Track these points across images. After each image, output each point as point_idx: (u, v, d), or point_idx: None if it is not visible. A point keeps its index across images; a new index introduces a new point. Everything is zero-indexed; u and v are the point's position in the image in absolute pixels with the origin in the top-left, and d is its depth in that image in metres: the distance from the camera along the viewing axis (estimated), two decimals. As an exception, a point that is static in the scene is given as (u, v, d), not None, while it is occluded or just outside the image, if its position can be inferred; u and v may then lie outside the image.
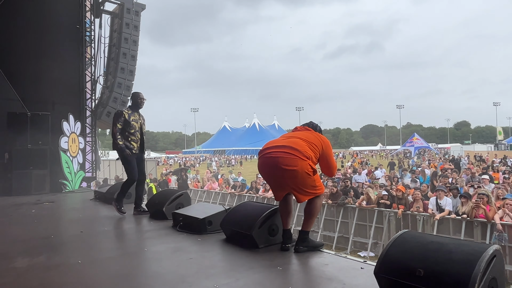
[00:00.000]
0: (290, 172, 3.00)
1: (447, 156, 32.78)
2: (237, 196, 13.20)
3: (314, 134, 3.31)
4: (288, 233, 3.38)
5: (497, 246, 2.10)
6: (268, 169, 3.13)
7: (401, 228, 8.55)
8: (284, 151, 3.04)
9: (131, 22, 10.61)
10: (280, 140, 3.25)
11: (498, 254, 2.06)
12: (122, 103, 10.51)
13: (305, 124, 3.51)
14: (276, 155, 3.05)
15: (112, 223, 4.86)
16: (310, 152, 3.08)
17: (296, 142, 3.12)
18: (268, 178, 3.24)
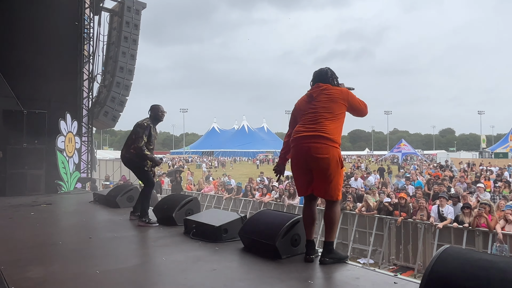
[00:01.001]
0: (322, 161, 3.00)
1: (438, 163, 33.21)
2: (233, 200, 13.07)
3: (334, 94, 3.16)
4: (312, 244, 3.30)
5: (553, 265, 2.06)
6: (300, 158, 3.11)
7: (401, 236, 8.57)
8: (314, 141, 3.03)
9: (131, 20, 10.43)
10: (307, 125, 3.13)
11: (553, 274, 2.01)
12: (120, 102, 10.31)
13: (318, 80, 3.28)
14: (308, 145, 3.04)
15: (120, 228, 4.70)
16: (338, 129, 3.11)
17: (323, 124, 3.06)
18: (298, 168, 3.16)
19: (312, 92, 3.25)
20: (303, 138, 3.08)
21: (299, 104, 3.31)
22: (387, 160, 50.49)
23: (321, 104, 3.14)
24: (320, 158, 3.00)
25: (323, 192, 3.12)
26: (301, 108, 3.27)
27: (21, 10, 8.87)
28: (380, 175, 23.85)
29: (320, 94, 3.19)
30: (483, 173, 21.06)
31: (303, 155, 3.06)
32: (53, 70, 9.04)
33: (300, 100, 3.34)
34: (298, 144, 3.10)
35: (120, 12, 10.46)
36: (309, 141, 3.04)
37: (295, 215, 3.61)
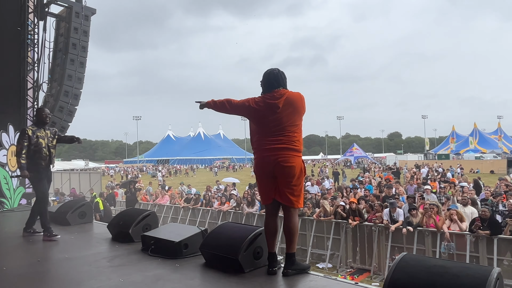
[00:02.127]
0: (289, 168, 3.06)
1: (387, 166, 34.84)
2: (191, 210, 12.83)
3: (297, 103, 3.15)
4: (274, 256, 3.29)
5: (499, 269, 2.20)
6: (265, 167, 3.13)
7: (358, 239, 8.85)
8: (282, 153, 3.07)
9: (80, 26, 9.96)
10: (272, 138, 3.11)
11: (500, 277, 2.16)
12: (69, 112, 9.79)
13: (276, 84, 3.19)
14: (275, 156, 3.07)
15: (72, 248, 4.43)
16: (301, 138, 3.19)
17: (290, 137, 3.11)
18: (264, 175, 3.18)
19: (274, 101, 3.13)
20: (270, 150, 3.10)
21: (260, 111, 3.15)
22: (340, 163, 52.13)
23: (285, 117, 3.11)
24: (286, 166, 3.06)
25: (287, 198, 3.11)
26: (262, 115, 3.16)
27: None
28: (334, 179, 24.63)
29: (283, 103, 3.12)
30: (430, 174, 22.39)
31: (270, 164, 3.09)
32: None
33: (260, 104, 3.16)
34: (265, 155, 3.12)
35: (68, 18, 9.96)
36: (277, 153, 3.07)
37: (257, 227, 3.60)
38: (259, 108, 3.15)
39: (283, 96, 3.13)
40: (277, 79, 3.22)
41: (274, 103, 3.12)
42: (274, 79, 3.22)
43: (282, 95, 3.14)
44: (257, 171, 3.25)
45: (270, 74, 3.24)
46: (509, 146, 57.72)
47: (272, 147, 3.09)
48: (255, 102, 3.18)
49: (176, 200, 13.71)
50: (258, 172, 3.23)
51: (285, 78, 3.26)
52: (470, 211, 8.19)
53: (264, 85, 3.27)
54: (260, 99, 3.20)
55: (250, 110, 3.18)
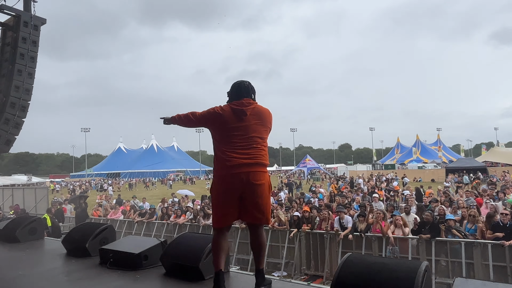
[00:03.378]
0: (260, 187, 2.92)
1: (338, 176, 36.27)
2: (146, 224, 12.62)
3: (264, 115, 3.09)
4: (222, 275, 3.00)
5: (427, 262, 2.57)
6: (234, 186, 2.88)
7: (311, 247, 9.23)
8: (253, 169, 2.92)
9: (29, 36, 9.62)
10: (240, 150, 2.93)
11: (428, 269, 2.52)
12: (16, 125, 9.36)
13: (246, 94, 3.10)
14: (246, 173, 2.89)
15: (26, 265, 4.32)
16: (267, 151, 3.08)
17: (258, 150, 2.98)
18: (231, 197, 2.92)
19: (242, 107, 2.99)
20: (239, 167, 2.88)
21: (226, 116, 2.98)
22: (294, 174, 53.27)
23: (252, 126, 2.99)
24: (258, 185, 2.90)
25: (256, 216, 2.97)
26: (228, 121, 2.97)
27: None
28: (289, 190, 25.23)
29: (250, 111, 3.00)
30: (377, 183, 23.68)
31: (239, 183, 2.87)
32: None
33: (226, 110, 3.02)
34: (234, 172, 2.88)
35: (15, 27, 9.59)
36: (247, 169, 2.89)
37: (216, 236, 3.77)
38: (224, 113, 2.98)
39: (251, 105, 3.03)
40: (247, 90, 3.12)
41: (241, 109, 2.98)
42: (244, 89, 3.11)
43: (251, 104, 3.04)
44: (220, 189, 2.95)
45: (240, 85, 3.13)
46: (448, 156, 62.24)
47: (242, 163, 2.88)
48: (220, 108, 3.03)
49: (129, 215, 13.41)
50: (222, 190, 2.93)
51: (254, 92, 3.17)
52: (412, 218, 8.87)
53: (231, 95, 3.13)
54: (227, 106, 3.06)
55: (215, 115, 2.99)
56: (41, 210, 16.25)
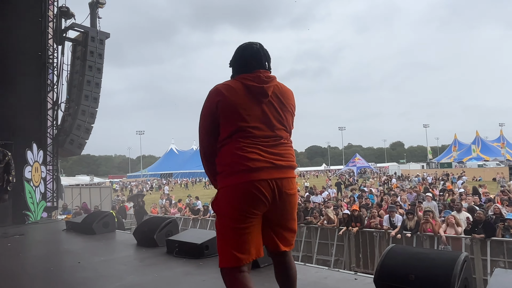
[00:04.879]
0: (293, 198, 2.11)
1: (388, 176, 35.31)
2: (200, 221, 13.36)
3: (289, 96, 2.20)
4: None
5: (467, 253, 2.76)
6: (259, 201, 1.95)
7: (360, 245, 9.35)
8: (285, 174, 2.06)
9: (96, 50, 10.68)
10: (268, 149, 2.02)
11: (468, 259, 2.71)
12: (86, 130, 10.43)
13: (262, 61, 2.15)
14: (277, 179, 2.00)
15: (104, 252, 5.00)
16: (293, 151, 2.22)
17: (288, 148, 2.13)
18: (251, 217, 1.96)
19: (263, 85, 2.04)
20: (268, 171, 1.97)
21: (238, 97, 2.00)
22: (344, 174, 52.43)
23: (277, 113, 2.09)
24: (292, 195, 2.09)
25: (290, 241, 2.16)
26: (241, 104, 2.00)
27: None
28: (337, 189, 25.11)
29: (272, 90, 2.08)
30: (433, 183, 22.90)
31: (269, 194, 1.97)
32: (18, 100, 9.10)
33: (235, 88, 2.02)
34: (261, 179, 1.95)
35: (84, 42, 10.69)
36: (278, 175, 2.01)
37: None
38: (231, 94, 1.99)
39: (271, 81, 2.09)
40: (262, 57, 2.14)
41: (261, 87, 2.04)
42: (258, 56, 2.13)
43: (270, 79, 2.10)
44: (237, 205, 1.94)
45: (251, 49, 2.14)
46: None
47: (270, 165, 1.99)
48: (223, 89, 2.02)
49: (185, 212, 14.25)
50: (240, 207, 1.93)
51: (270, 59, 2.19)
52: (465, 216, 8.69)
53: (238, 64, 2.15)
54: (235, 82, 2.06)
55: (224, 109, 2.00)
56: (105, 207, 17.72)
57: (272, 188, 1.98)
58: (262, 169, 1.96)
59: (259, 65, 2.12)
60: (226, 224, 1.97)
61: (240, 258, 1.95)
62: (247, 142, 1.98)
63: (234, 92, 2.01)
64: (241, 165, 1.94)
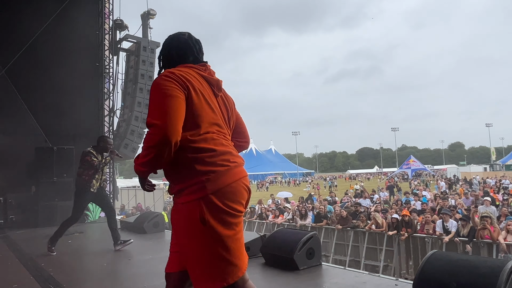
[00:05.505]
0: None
1: (447, 178, 33.37)
2: (247, 223, 13.56)
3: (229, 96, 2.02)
4: None
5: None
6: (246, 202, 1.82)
7: (411, 251, 8.97)
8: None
9: (147, 59, 11.29)
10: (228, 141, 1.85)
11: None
12: (139, 135, 11.03)
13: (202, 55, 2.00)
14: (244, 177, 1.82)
15: (154, 251, 5.29)
16: None
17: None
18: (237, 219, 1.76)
19: (218, 78, 1.91)
20: (243, 170, 1.82)
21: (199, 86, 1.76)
22: (399, 177, 50.34)
23: (228, 109, 1.94)
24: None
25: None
26: (206, 96, 1.78)
27: (48, 57, 9.75)
28: (390, 192, 24.21)
29: (223, 91, 1.95)
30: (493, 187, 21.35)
31: (247, 196, 1.83)
32: (77, 107, 9.85)
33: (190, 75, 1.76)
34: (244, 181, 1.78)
35: (137, 52, 11.35)
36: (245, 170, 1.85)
37: (309, 231, 4.17)
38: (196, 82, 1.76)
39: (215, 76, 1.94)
40: (202, 51, 2.02)
41: (216, 79, 1.89)
42: (200, 48, 2.00)
43: (214, 73, 1.95)
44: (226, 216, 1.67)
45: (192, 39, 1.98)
46: None
47: (242, 163, 1.84)
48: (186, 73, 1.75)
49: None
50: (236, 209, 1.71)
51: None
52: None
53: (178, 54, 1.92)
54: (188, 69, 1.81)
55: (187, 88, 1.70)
56: (158, 208, 18.58)
57: (248, 189, 1.82)
58: (240, 165, 1.80)
59: (202, 59, 1.99)
60: (223, 234, 1.65)
61: (242, 265, 1.81)
62: (221, 137, 1.78)
63: (197, 80, 1.78)
64: (230, 162, 1.73)
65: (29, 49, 9.39)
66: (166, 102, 1.60)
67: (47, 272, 4.09)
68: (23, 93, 9.66)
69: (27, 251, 5.47)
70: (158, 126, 1.56)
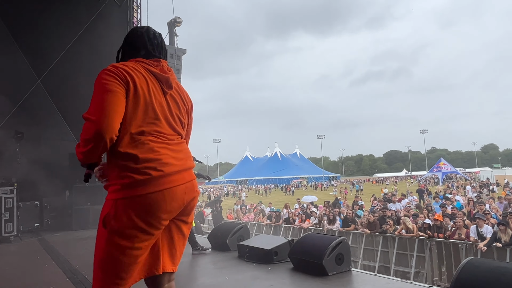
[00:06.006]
0: (195, 202, 1.85)
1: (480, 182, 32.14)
2: (273, 227, 13.52)
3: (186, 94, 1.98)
4: None
5: (559, 269, 2.46)
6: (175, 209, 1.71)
7: (443, 257, 8.67)
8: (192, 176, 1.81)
9: (174, 65, 11.50)
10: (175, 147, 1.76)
11: (560, 277, 2.42)
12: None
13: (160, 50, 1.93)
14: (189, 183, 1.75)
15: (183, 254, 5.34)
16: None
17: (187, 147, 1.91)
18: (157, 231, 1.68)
19: (168, 75, 1.82)
20: (181, 175, 1.72)
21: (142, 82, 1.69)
22: (430, 180, 48.78)
23: (180, 108, 1.86)
24: (195, 198, 1.83)
25: (179, 258, 1.96)
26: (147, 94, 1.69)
27: (80, 66, 10.12)
28: (419, 197, 23.52)
29: (175, 85, 1.88)
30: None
31: (181, 203, 1.72)
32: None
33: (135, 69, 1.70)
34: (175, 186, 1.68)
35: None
36: (189, 177, 1.77)
37: (338, 236, 4.11)
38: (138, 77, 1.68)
39: (172, 74, 1.88)
40: (160, 46, 1.94)
41: (167, 76, 1.81)
42: (157, 43, 1.92)
43: (171, 72, 1.88)
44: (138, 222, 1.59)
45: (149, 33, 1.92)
46: None
47: (183, 168, 1.74)
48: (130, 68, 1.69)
49: (259, 218, 14.54)
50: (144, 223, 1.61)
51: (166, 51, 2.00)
52: None
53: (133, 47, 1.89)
54: (134, 64, 1.75)
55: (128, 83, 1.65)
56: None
57: (186, 193, 1.72)
58: (176, 173, 1.68)
59: (159, 54, 1.91)
60: (119, 243, 1.60)
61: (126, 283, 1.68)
62: (157, 141, 1.68)
63: (142, 76, 1.70)
64: (155, 171, 1.62)
65: (63, 58, 9.79)
66: (104, 97, 1.59)
67: (81, 274, 4.22)
68: (57, 101, 10.08)
69: (62, 253, 5.66)
70: (93, 122, 1.56)
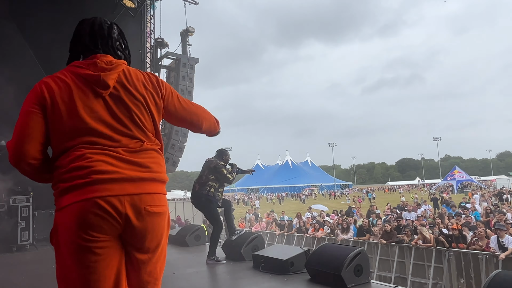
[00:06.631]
0: (157, 219, 1.59)
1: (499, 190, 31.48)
2: (286, 236, 13.38)
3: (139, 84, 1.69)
4: None
5: None
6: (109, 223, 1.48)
7: (462, 268, 8.44)
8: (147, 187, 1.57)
9: (187, 75, 11.58)
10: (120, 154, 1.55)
11: None
12: (179, 149, 11.26)
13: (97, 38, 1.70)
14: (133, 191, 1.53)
15: (197, 264, 5.29)
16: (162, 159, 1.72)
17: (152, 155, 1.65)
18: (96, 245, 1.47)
19: (100, 73, 1.60)
20: (120, 184, 1.50)
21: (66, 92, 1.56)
22: (445, 189, 47.88)
23: (130, 106, 1.62)
24: (155, 214, 1.56)
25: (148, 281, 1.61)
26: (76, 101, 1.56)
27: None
28: (434, 205, 23.10)
29: (119, 81, 1.63)
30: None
31: (118, 216, 1.48)
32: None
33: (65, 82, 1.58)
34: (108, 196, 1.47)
35: (176, 68, 11.68)
36: (135, 189, 1.52)
37: (356, 247, 4.01)
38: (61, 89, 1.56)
39: (115, 68, 1.64)
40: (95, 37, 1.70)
41: (97, 75, 1.59)
42: (92, 35, 1.70)
43: (113, 65, 1.65)
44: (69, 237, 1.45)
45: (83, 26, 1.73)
46: None
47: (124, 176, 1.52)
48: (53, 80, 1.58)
49: (271, 227, 14.41)
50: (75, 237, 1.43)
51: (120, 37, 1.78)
52: None
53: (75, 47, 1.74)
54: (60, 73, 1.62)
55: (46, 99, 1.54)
56: (197, 221, 18.76)
57: (124, 207, 1.48)
58: (112, 181, 1.48)
59: (95, 47, 1.68)
60: (64, 263, 1.48)
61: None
62: (90, 148, 1.52)
63: (65, 84, 1.57)
64: (81, 178, 1.46)
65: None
66: (20, 119, 1.55)
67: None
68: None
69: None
70: (8, 147, 1.54)
